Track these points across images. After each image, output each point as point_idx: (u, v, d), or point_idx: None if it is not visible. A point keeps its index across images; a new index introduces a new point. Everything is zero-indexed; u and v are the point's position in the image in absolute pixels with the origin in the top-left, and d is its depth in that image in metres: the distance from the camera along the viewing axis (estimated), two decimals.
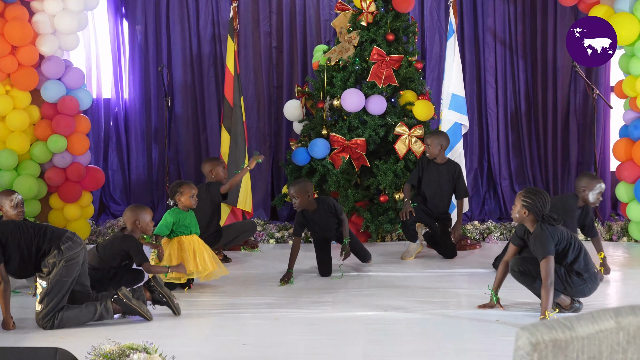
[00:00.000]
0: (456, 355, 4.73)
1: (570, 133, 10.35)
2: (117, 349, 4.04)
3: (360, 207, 8.71)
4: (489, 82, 10.38)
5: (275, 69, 10.44)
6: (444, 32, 10.14)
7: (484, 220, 9.67)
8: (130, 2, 10.37)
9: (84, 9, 8.56)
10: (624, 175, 8.55)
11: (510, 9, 10.33)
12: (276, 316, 5.54)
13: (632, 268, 7.35)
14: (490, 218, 9.87)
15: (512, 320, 5.32)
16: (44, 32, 8.33)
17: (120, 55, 10.43)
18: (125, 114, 10.51)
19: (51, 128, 8.48)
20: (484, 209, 10.28)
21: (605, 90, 10.06)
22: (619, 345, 2.12)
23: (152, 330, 5.26)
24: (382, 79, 8.83)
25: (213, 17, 10.33)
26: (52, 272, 5.20)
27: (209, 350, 4.78)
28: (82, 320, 5.35)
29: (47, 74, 8.41)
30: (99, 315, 5.41)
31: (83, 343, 4.56)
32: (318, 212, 7.07)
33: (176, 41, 10.35)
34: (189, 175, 10.34)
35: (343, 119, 8.94)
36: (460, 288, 6.45)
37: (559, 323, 2.12)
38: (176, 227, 6.51)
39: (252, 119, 10.22)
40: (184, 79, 10.39)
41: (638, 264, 7.56)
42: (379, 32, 8.91)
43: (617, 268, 7.16)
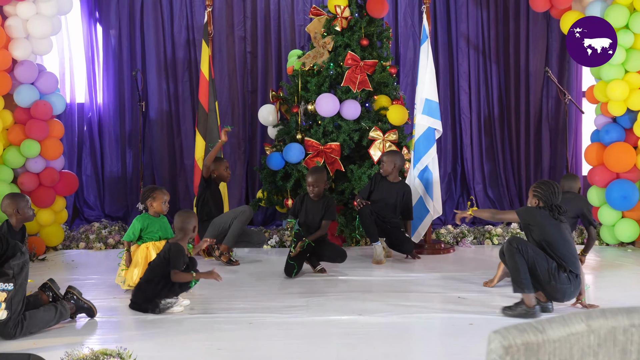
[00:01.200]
0: (429, 357, 4.74)
1: (542, 138, 10.43)
2: (91, 355, 4.02)
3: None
4: (462, 87, 10.43)
5: (249, 73, 10.44)
6: (417, 37, 10.19)
7: (457, 224, 9.72)
8: (104, 7, 10.33)
9: (57, 13, 8.50)
10: (596, 179, 8.62)
11: (484, 14, 10.39)
12: (250, 321, 5.53)
13: (603, 271, 7.40)
14: (463, 222, 9.90)
15: (485, 324, 5.34)
16: (17, 37, 8.27)
17: (94, 59, 10.39)
18: (99, 118, 10.46)
19: (24, 133, 8.41)
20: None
21: (577, 95, 10.15)
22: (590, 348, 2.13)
23: (126, 335, 5.23)
24: (357, 84, 8.84)
25: (187, 21, 10.32)
26: (18, 275, 5.09)
27: (183, 355, 4.75)
28: (46, 321, 5.27)
29: (20, 78, 8.34)
30: (59, 315, 5.35)
31: (56, 349, 4.52)
32: (316, 204, 7.28)
33: (150, 46, 10.32)
34: (163, 180, 10.30)
35: (317, 123, 8.95)
36: (434, 292, 6.47)
37: (531, 326, 2.13)
38: (144, 234, 6.49)
39: (226, 124, 10.18)
40: (158, 83, 10.36)
41: (609, 267, 7.61)
42: (353, 37, 8.93)
43: (588, 272, 7.20)
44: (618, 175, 8.52)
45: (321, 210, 7.26)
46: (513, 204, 10.22)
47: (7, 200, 5.95)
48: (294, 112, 8.99)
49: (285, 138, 9.06)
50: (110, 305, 6.09)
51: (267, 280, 7.00)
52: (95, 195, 10.47)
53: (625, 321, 2.16)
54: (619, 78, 8.27)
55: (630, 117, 8.47)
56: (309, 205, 7.32)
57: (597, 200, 8.62)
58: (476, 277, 6.92)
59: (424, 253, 8.26)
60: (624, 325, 2.16)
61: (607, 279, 7.12)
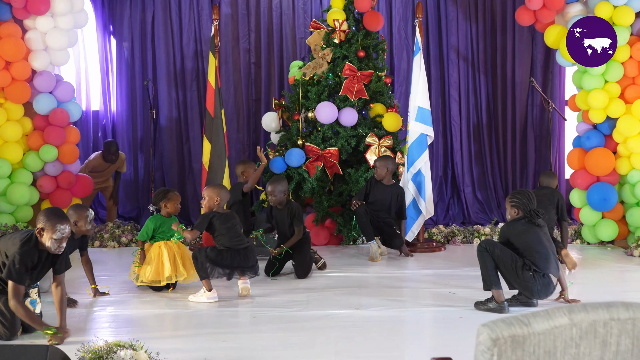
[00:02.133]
0: (422, 349, 4.74)
1: (528, 143, 10.43)
2: (105, 346, 4.01)
3: (334, 212, 8.73)
4: (452, 96, 10.44)
5: (254, 83, 10.44)
6: (411, 49, 10.19)
7: (448, 224, 9.72)
8: (118, 20, 10.33)
9: (73, 27, 8.51)
10: (577, 182, 8.62)
11: (473, 28, 10.40)
12: (254, 314, 5.53)
13: (585, 268, 7.40)
14: (454, 222, 9.92)
15: (474, 317, 5.34)
16: (36, 49, 8.28)
17: (108, 70, 10.39)
18: (113, 125, 10.46)
19: (43, 138, 8.42)
20: (448, 213, 10.33)
21: (560, 103, 10.15)
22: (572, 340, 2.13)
23: (138, 328, 5.23)
24: (354, 93, 8.84)
25: (195, 34, 10.32)
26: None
27: (191, 346, 4.75)
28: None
29: (39, 87, 8.35)
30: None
31: (72, 341, 4.52)
32: (281, 212, 7.16)
33: (161, 57, 10.32)
34: (172, 183, 10.30)
35: (317, 130, 8.95)
36: (426, 287, 6.46)
37: (517, 320, 2.14)
38: (157, 233, 6.49)
39: (232, 130, 10.21)
40: (168, 92, 10.36)
41: (590, 265, 7.61)
42: (350, 49, 8.93)
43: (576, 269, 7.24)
44: (598, 178, 8.52)
45: (287, 217, 7.12)
46: (500, 205, 10.20)
47: (70, 210, 5.83)
48: (295, 119, 8.98)
49: (287, 143, 9.05)
50: (123, 300, 6.09)
51: (270, 278, 7.01)
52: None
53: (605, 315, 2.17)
54: (599, 88, 8.27)
55: (610, 124, 8.47)
56: (276, 214, 7.22)
57: (578, 201, 8.62)
58: (465, 273, 6.91)
59: (416, 251, 8.26)
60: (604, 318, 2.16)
61: (588, 275, 7.12)
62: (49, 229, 4.70)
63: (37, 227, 4.75)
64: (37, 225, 4.76)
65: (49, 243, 4.72)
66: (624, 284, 6.77)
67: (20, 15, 8.13)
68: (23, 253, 4.67)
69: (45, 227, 4.71)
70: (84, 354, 3.99)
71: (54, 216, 4.76)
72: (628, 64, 8.26)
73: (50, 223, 4.71)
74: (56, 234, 4.70)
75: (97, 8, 10.28)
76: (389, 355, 4.55)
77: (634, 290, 6.48)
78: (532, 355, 2.13)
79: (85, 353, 3.99)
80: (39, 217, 4.79)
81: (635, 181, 8.33)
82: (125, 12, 10.32)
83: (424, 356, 4.42)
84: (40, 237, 4.74)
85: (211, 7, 10.04)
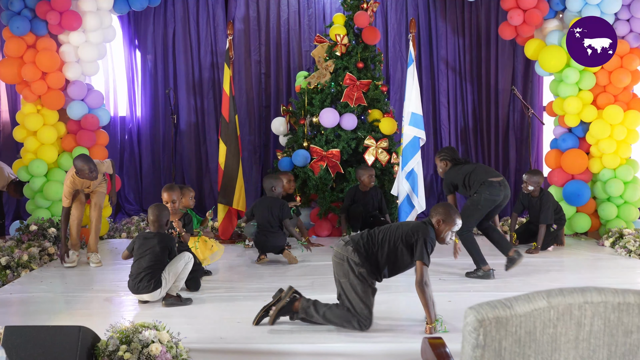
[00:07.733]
0: (414, 328, 4.73)
1: (509, 145, 10.41)
2: (132, 327, 4.02)
3: (335, 207, 8.72)
4: (442, 102, 10.42)
5: (264, 91, 10.43)
6: (405, 61, 10.17)
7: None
8: (142, 35, 10.33)
9: (103, 41, 8.51)
10: (554, 180, 8.61)
11: (460, 41, 10.38)
12: (264, 299, 5.52)
13: (561, 257, 7.39)
14: None
15: (461, 301, 5.33)
16: (69, 61, 8.28)
17: (133, 79, 10.39)
18: (138, 129, 10.46)
19: (75, 141, 8.43)
20: None
21: (538, 109, 10.13)
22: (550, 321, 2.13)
23: (161, 311, 5.23)
24: (354, 100, 8.84)
25: (212, 47, 10.31)
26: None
27: (209, 327, 4.75)
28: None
29: (72, 95, 8.35)
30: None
31: (102, 322, 4.53)
32: (262, 202, 7.25)
33: (181, 68, 10.32)
34: (191, 181, 10.32)
35: (321, 133, 8.94)
36: None
37: (501, 303, 2.14)
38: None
39: (244, 134, 10.20)
40: (187, 99, 10.36)
41: (566, 254, 7.59)
42: (350, 60, 8.93)
43: (554, 257, 7.25)
44: (573, 176, 8.51)
45: (269, 210, 7.14)
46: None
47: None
48: (301, 124, 8.98)
49: (293, 145, 9.05)
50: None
51: (278, 265, 7.01)
52: (134, 193, 10.47)
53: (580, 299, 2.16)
54: (573, 95, 8.25)
55: (583, 128, 8.46)
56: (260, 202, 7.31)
57: (555, 197, 8.60)
58: (454, 262, 6.87)
59: None
60: (579, 302, 2.16)
61: (564, 263, 7.11)
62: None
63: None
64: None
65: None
66: (597, 271, 6.75)
67: (55, 30, 8.12)
68: None
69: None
70: (113, 333, 3.99)
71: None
72: (600, 74, 8.24)
73: None
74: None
75: (124, 24, 10.28)
76: (383, 339, 4.55)
77: (606, 276, 6.46)
78: (515, 334, 2.13)
79: (113, 333, 3.99)
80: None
81: (606, 179, 8.32)
82: (149, 27, 10.32)
83: (417, 336, 4.42)
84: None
85: (226, 23, 10.05)
